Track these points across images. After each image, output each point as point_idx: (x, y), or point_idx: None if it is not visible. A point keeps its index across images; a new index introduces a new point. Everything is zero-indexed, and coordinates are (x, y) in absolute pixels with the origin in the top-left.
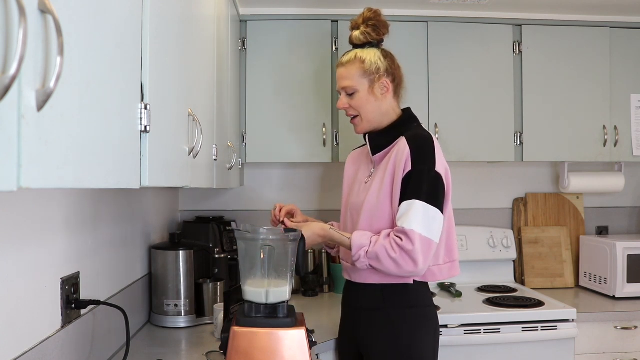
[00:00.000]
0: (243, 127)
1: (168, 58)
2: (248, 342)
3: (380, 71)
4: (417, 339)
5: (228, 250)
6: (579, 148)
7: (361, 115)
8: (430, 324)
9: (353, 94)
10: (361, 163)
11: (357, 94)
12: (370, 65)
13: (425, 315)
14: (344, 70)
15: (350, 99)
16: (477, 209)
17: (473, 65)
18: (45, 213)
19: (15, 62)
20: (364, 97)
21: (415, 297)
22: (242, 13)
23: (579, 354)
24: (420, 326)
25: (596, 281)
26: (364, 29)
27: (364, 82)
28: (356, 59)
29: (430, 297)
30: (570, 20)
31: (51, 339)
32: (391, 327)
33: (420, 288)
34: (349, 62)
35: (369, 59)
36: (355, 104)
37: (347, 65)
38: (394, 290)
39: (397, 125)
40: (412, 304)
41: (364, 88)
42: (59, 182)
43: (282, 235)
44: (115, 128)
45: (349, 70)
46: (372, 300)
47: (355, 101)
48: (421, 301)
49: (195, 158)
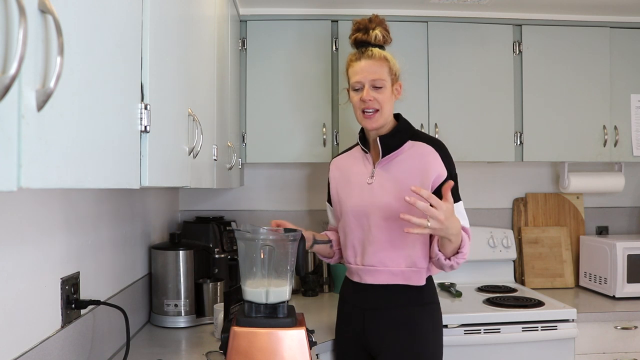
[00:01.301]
0: (243, 127)
1: (168, 58)
2: (248, 342)
3: (399, 74)
4: (432, 337)
5: (228, 250)
6: (579, 148)
7: (381, 111)
8: (440, 320)
9: (380, 89)
10: (351, 166)
11: (383, 89)
12: (393, 66)
13: (437, 312)
14: (374, 64)
15: (376, 92)
16: (477, 209)
17: (473, 65)
18: (45, 213)
19: (15, 62)
20: (387, 93)
21: (428, 294)
22: (242, 13)
23: (579, 354)
24: (434, 323)
25: (596, 281)
26: (381, 29)
27: (389, 80)
28: (384, 56)
29: (437, 294)
30: (570, 20)
31: (51, 339)
32: (406, 326)
33: (430, 285)
34: (379, 57)
35: (392, 61)
36: (381, 98)
37: (378, 60)
38: (407, 289)
39: (402, 128)
40: (424, 302)
41: (389, 85)
42: (59, 182)
43: (282, 235)
44: (115, 128)
45: (380, 64)
46: (384, 299)
47: (381, 95)
48: (433, 298)
49: (195, 158)
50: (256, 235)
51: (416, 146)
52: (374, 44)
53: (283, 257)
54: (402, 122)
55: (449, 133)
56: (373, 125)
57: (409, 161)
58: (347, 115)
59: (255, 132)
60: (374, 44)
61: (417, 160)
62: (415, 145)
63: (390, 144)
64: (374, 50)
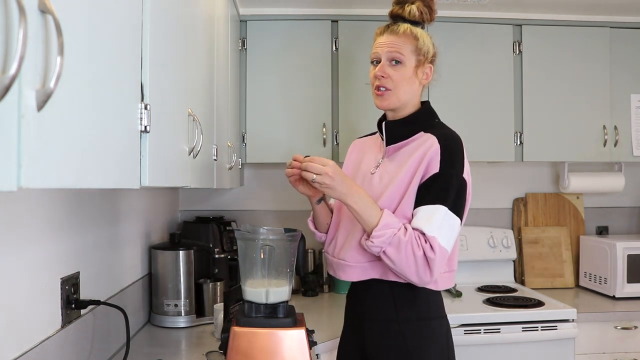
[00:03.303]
0: (243, 127)
1: (168, 58)
2: (248, 342)
3: (429, 56)
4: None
5: (228, 250)
6: (579, 148)
7: (395, 90)
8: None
9: (399, 65)
10: (366, 152)
11: (401, 67)
12: (423, 45)
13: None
14: (396, 39)
15: (392, 69)
16: (477, 209)
17: (473, 65)
18: (45, 213)
19: (15, 62)
20: (407, 72)
21: (427, 307)
22: (242, 13)
23: (579, 354)
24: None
25: (596, 281)
26: (420, 6)
27: (412, 59)
28: (411, 33)
29: (442, 307)
30: (570, 20)
31: (51, 339)
32: (402, 342)
33: (431, 297)
34: (404, 33)
35: (422, 39)
36: (396, 76)
37: (401, 35)
38: (406, 300)
39: (417, 118)
40: (423, 316)
41: (411, 64)
42: (59, 182)
43: (282, 235)
44: (115, 128)
45: (403, 40)
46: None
47: (397, 73)
48: (433, 312)
49: (195, 158)
50: (256, 235)
51: (424, 138)
52: (408, 19)
53: (283, 257)
54: (423, 110)
55: None
56: (383, 103)
57: (413, 153)
58: (347, 115)
59: (255, 132)
60: (409, 20)
61: (420, 153)
62: (424, 137)
63: (396, 132)
64: (401, 26)
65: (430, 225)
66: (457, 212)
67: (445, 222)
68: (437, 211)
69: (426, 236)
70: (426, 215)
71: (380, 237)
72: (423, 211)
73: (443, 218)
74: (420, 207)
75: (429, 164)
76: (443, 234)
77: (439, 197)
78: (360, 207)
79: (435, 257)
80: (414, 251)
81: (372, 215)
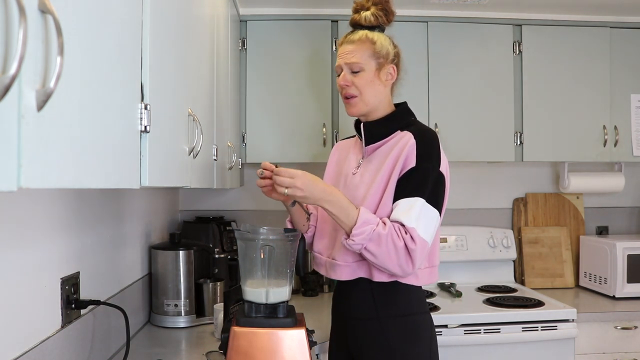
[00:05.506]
0: (243, 127)
1: (168, 58)
2: (248, 342)
3: (389, 57)
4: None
5: (228, 250)
6: (579, 148)
7: (361, 96)
8: (424, 334)
9: (358, 72)
10: (348, 153)
11: (362, 73)
12: (381, 48)
13: (419, 324)
14: (353, 47)
15: (354, 76)
16: (477, 209)
17: (473, 65)
18: (45, 213)
19: (15, 62)
20: (368, 77)
21: (408, 304)
22: (242, 13)
23: (579, 354)
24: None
25: (596, 281)
26: (375, 11)
27: (371, 63)
28: (367, 38)
29: (424, 303)
30: (570, 20)
31: (51, 339)
32: (384, 339)
33: (412, 294)
34: (359, 40)
35: (379, 42)
36: (359, 82)
37: (357, 42)
38: (386, 298)
39: (394, 117)
40: (404, 312)
41: (371, 69)
42: (59, 182)
43: (282, 235)
44: (115, 128)
45: (359, 47)
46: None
47: (359, 80)
48: (415, 308)
49: (195, 158)
50: (256, 235)
51: (401, 135)
52: (365, 25)
53: (283, 257)
54: (398, 111)
55: (449, 133)
56: (352, 110)
57: (390, 152)
58: (347, 115)
59: (255, 132)
60: (366, 26)
61: (397, 151)
62: (401, 135)
63: (374, 132)
64: (357, 33)
65: (409, 217)
66: (435, 204)
67: (424, 214)
68: (415, 203)
69: (406, 227)
70: (405, 207)
71: (360, 234)
72: (402, 204)
73: (421, 210)
74: (399, 200)
75: (406, 159)
76: (422, 225)
77: (417, 189)
78: (336, 210)
79: (416, 247)
80: (395, 243)
81: (349, 215)
